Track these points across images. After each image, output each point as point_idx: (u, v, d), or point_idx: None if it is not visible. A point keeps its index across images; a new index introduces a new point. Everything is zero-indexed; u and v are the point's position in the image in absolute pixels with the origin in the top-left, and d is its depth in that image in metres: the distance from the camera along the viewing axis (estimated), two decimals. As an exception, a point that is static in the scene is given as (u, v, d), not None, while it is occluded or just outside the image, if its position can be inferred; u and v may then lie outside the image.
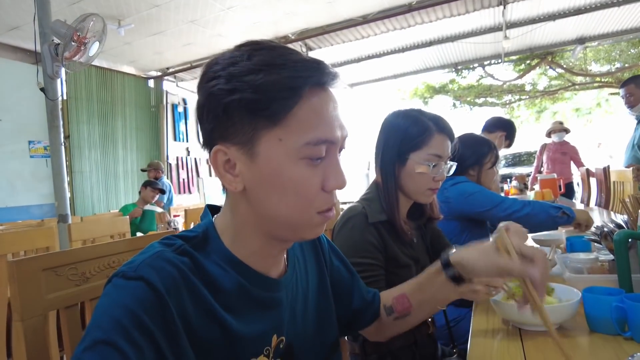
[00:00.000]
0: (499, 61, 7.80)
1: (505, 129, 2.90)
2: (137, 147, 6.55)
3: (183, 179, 7.27)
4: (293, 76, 0.50)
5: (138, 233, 3.45)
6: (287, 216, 0.54)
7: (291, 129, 0.51)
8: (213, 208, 0.63)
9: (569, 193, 4.72)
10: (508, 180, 4.05)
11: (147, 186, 4.10)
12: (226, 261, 0.56)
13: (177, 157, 7.22)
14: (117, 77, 6.25)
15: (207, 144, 0.55)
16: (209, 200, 7.51)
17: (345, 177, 0.55)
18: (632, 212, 1.08)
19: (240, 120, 0.51)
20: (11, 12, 4.33)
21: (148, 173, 5.04)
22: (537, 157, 5.40)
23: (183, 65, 6.57)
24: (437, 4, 4.78)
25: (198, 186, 7.62)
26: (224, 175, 0.54)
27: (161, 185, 4.24)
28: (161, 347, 0.46)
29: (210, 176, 7.91)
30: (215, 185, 7.92)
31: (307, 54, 0.59)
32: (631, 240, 0.94)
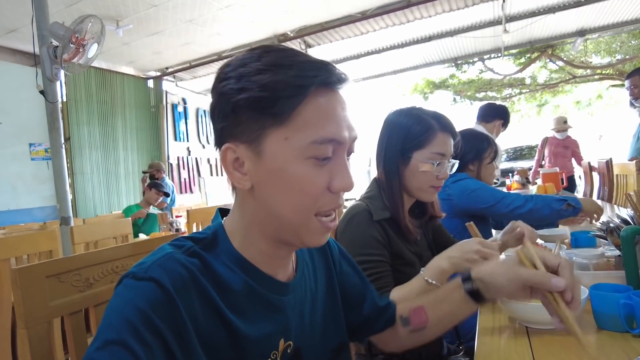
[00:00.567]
0: (499, 55, 7.77)
1: (501, 117, 2.92)
2: (138, 148, 6.55)
3: (184, 179, 7.27)
4: (299, 75, 0.51)
5: (141, 235, 3.45)
6: (289, 215, 0.54)
7: (297, 128, 0.51)
8: (223, 211, 0.64)
9: (571, 186, 4.72)
10: (510, 174, 4.03)
11: (152, 188, 4.07)
12: (234, 262, 0.56)
13: (178, 157, 7.22)
14: (117, 78, 6.24)
15: (218, 143, 0.57)
16: (211, 199, 7.51)
17: (352, 179, 0.55)
18: (638, 207, 1.07)
19: (247, 118, 0.52)
20: (9, 15, 4.33)
21: (155, 174, 4.99)
22: (539, 151, 5.39)
23: (182, 64, 6.56)
24: (436, -1, 4.76)
25: (199, 186, 7.62)
26: (233, 173, 0.55)
27: (165, 186, 4.23)
28: (170, 347, 0.47)
29: (211, 175, 7.91)
30: (216, 184, 7.92)
31: (306, 51, 0.59)
32: (638, 236, 0.93)
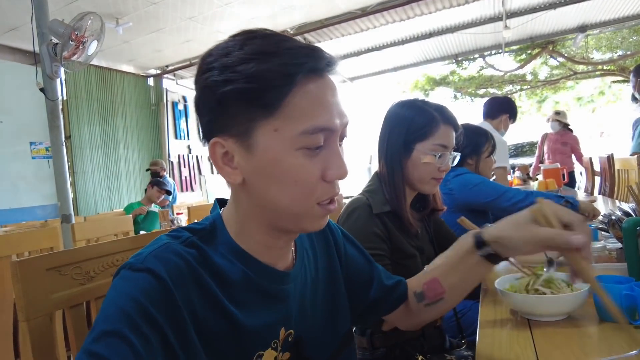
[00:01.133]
0: (500, 51, 7.74)
1: (507, 110, 2.84)
2: (139, 146, 6.55)
3: (185, 177, 7.28)
4: (286, 63, 0.48)
5: (141, 232, 3.45)
6: (288, 207, 0.53)
7: (286, 119, 0.49)
8: (222, 201, 0.63)
9: (571, 182, 4.69)
10: (511, 170, 4.02)
11: (154, 186, 4.07)
12: (232, 252, 0.56)
13: (179, 155, 7.23)
14: (117, 76, 6.24)
15: (206, 137, 0.55)
16: (212, 197, 7.52)
17: (346, 167, 0.53)
18: (640, 199, 1.07)
19: (235, 111, 0.50)
20: (8, 13, 4.32)
21: (160, 171, 4.98)
22: (539, 147, 5.38)
23: (182, 62, 6.56)
24: (437, -5, 4.75)
25: (200, 184, 7.63)
26: (223, 167, 0.54)
27: (167, 184, 4.23)
28: (168, 337, 0.47)
29: (212, 173, 7.92)
30: (217, 182, 7.93)
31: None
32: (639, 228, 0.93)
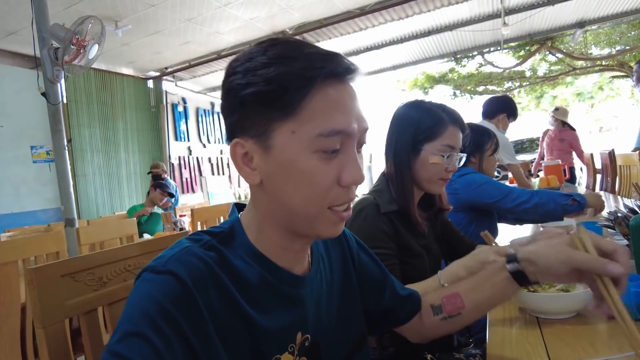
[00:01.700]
0: (499, 48, 7.75)
1: (505, 109, 2.80)
2: (139, 149, 6.56)
3: (186, 179, 7.29)
4: (305, 67, 0.50)
5: (145, 235, 3.46)
6: (300, 208, 0.53)
7: (304, 121, 0.50)
8: (240, 206, 0.64)
9: (571, 179, 4.69)
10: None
11: (157, 188, 4.07)
12: (250, 255, 0.57)
13: (179, 157, 7.23)
14: (116, 79, 6.25)
15: (228, 138, 0.56)
16: (213, 199, 7.52)
17: (361, 172, 0.54)
18: (645, 196, 1.07)
19: (255, 113, 0.52)
20: (8, 18, 4.32)
21: (162, 174, 4.97)
22: (540, 144, 5.39)
23: (182, 64, 6.56)
24: (435, -7, 4.75)
25: (201, 185, 7.63)
26: (242, 168, 0.55)
27: (169, 186, 4.23)
28: (189, 339, 0.47)
29: (212, 175, 7.92)
30: (218, 183, 7.93)
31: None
32: (646, 224, 0.93)
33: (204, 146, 7.84)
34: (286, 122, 0.51)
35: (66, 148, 2.77)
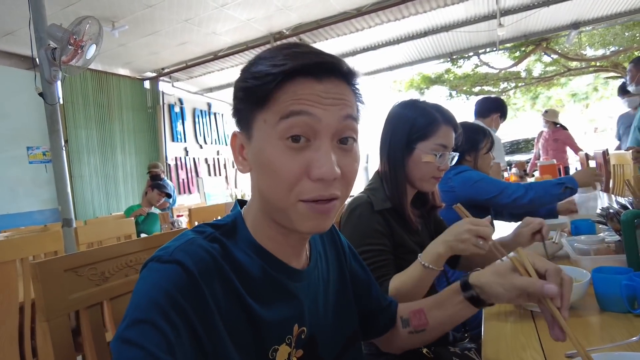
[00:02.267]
0: (494, 49, 7.78)
1: (498, 109, 2.91)
2: (136, 150, 6.54)
3: (182, 179, 7.27)
4: (275, 64, 0.52)
5: (142, 235, 3.46)
6: (270, 196, 0.55)
7: (273, 110, 0.53)
8: (242, 202, 0.66)
9: (566, 178, 4.73)
10: (508, 167, 4.06)
11: (155, 189, 4.06)
12: (251, 248, 0.59)
13: (176, 158, 7.22)
14: (113, 80, 6.23)
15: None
16: (210, 199, 7.51)
17: (331, 167, 0.51)
18: (637, 192, 1.10)
19: (243, 107, 0.56)
20: (5, 18, 4.31)
21: (160, 173, 4.96)
22: (535, 145, 5.44)
23: (178, 65, 6.56)
24: (431, -6, 4.78)
25: (198, 185, 7.62)
26: (237, 157, 0.59)
27: (167, 187, 4.23)
28: (195, 327, 0.48)
29: (209, 175, 7.91)
30: (215, 184, 7.92)
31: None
32: (637, 220, 0.95)
33: (201, 147, 7.83)
34: (260, 113, 0.54)
35: (64, 148, 2.77)
